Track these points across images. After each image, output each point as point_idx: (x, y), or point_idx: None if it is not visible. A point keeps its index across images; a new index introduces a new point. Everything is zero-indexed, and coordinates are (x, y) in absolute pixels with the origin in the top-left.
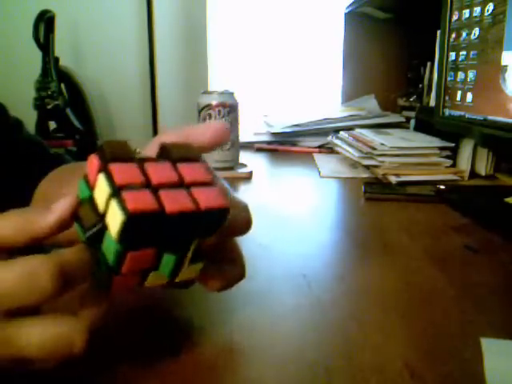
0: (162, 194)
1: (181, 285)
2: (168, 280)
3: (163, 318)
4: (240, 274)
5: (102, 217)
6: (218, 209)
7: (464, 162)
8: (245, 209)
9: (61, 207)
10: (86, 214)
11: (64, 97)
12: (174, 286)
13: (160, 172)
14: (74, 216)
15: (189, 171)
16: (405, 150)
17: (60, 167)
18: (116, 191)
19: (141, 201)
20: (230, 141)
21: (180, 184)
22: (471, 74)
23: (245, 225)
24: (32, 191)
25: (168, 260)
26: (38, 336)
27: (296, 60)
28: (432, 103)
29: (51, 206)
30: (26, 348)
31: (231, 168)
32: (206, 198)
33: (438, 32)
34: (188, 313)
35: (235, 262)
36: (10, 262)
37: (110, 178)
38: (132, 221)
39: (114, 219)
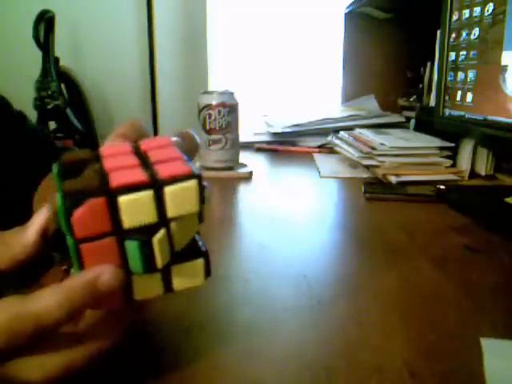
0: (112, 174)
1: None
2: (163, 290)
3: (162, 317)
4: None
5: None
6: (182, 177)
7: (464, 162)
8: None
9: (36, 223)
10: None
11: (64, 97)
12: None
13: (116, 159)
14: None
15: (157, 153)
16: (405, 150)
17: None
18: (62, 185)
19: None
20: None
21: (142, 165)
22: (471, 74)
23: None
24: (36, 183)
25: (131, 248)
26: (38, 369)
27: (296, 60)
28: (432, 103)
29: (26, 226)
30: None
31: (231, 168)
32: (167, 169)
33: (438, 32)
34: (187, 312)
35: None
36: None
37: (61, 179)
38: (70, 202)
39: (59, 208)
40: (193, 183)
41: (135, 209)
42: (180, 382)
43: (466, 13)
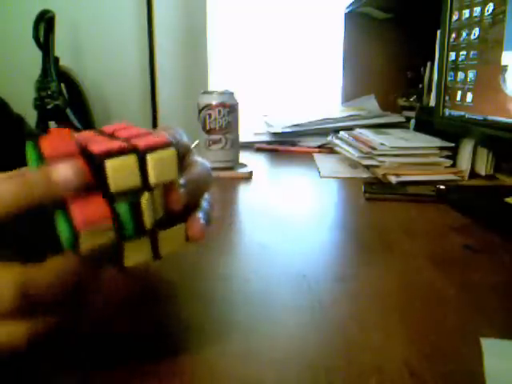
0: (90, 144)
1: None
2: (151, 255)
3: (162, 318)
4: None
5: None
6: (161, 146)
7: (464, 162)
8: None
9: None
10: None
11: (64, 97)
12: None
13: (92, 139)
14: None
15: (125, 132)
16: (405, 150)
17: None
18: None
19: (58, 147)
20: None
21: (117, 139)
22: (471, 74)
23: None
24: None
25: (122, 210)
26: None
27: (296, 60)
28: (432, 103)
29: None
30: None
31: (231, 168)
32: (145, 140)
33: (438, 32)
34: (187, 313)
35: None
36: None
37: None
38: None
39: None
40: (172, 151)
41: (120, 173)
42: (180, 382)
43: (466, 13)
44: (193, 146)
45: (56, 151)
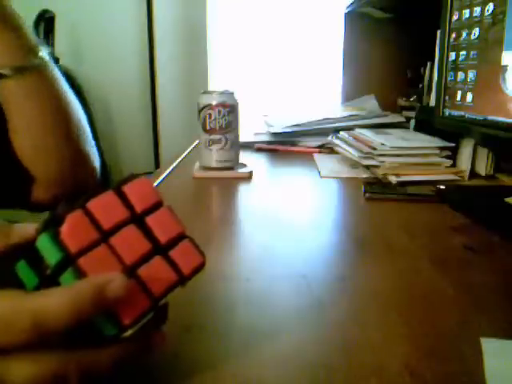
0: (144, 277)
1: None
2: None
3: None
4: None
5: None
6: (200, 269)
7: (464, 162)
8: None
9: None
10: None
11: None
12: None
13: (130, 245)
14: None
15: (160, 228)
16: (405, 150)
17: None
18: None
19: (81, 240)
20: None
21: (155, 249)
22: (471, 74)
23: None
24: None
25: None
26: (29, 372)
27: (296, 60)
28: (432, 103)
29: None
30: None
31: (231, 168)
32: (186, 260)
33: (438, 32)
34: (188, 312)
35: None
36: None
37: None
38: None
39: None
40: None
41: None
42: (180, 382)
43: (466, 13)
44: (192, 146)
45: (80, 244)
